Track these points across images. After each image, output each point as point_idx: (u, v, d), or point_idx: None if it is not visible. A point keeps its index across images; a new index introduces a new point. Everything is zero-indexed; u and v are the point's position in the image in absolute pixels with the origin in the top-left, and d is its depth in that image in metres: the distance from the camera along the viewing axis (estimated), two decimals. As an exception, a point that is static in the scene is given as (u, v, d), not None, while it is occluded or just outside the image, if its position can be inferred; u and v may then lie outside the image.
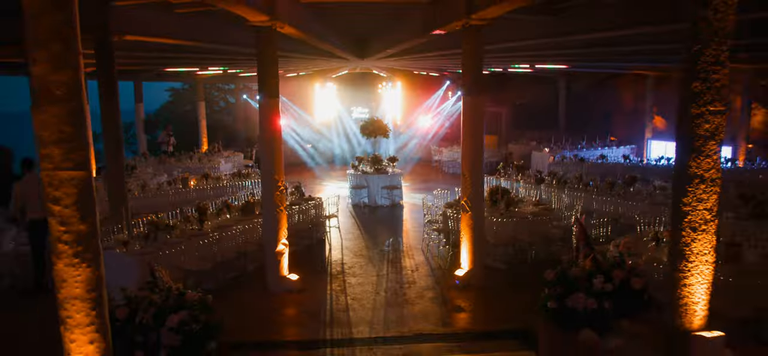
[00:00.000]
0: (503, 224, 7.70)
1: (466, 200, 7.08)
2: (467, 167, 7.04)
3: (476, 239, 7.12)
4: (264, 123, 6.87)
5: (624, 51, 11.59)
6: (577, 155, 15.34)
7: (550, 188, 10.46)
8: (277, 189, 6.94)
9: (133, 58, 12.01)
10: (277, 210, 6.96)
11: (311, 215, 8.99)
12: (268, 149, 6.88)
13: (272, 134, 6.87)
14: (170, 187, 10.96)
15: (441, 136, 20.91)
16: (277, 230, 7.00)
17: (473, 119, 6.97)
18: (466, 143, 7.03)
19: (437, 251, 8.72)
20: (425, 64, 14.68)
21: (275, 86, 6.82)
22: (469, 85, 6.92)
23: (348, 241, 9.57)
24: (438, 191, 9.75)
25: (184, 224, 7.45)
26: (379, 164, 12.82)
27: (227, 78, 22.82)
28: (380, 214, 11.80)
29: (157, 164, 15.02)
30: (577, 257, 4.72)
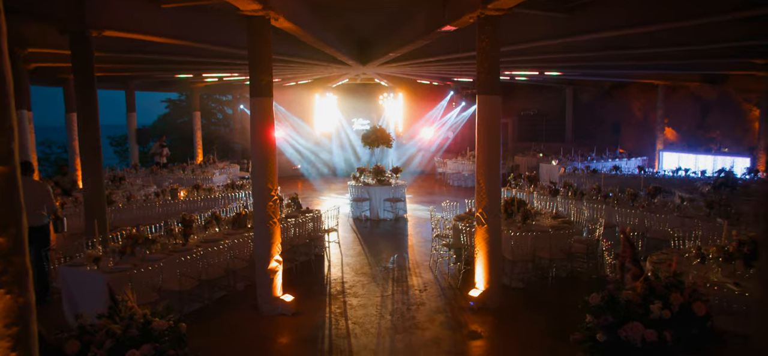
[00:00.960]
0: (521, 239, 6.93)
1: (482, 211, 6.33)
2: (482, 174, 6.30)
3: (493, 255, 6.36)
4: (256, 125, 6.14)
5: (642, 54, 10.94)
6: (589, 166, 14.61)
7: (566, 199, 9.71)
8: (270, 199, 6.19)
9: (121, 61, 11.36)
10: (269, 223, 6.21)
11: (308, 228, 8.23)
12: (260, 154, 6.15)
13: (265, 138, 6.14)
14: (158, 198, 10.21)
15: (445, 148, 20.24)
16: (270, 246, 6.24)
17: (489, 121, 6.25)
18: (481, 147, 6.30)
19: (447, 269, 7.94)
20: (429, 71, 14.04)
21: (268, 85, 6.12)
22: (484, 82, 6.21)
23: (349, 257, 8.79)
24: (446, 203, 9.00)
25: (167, 239, 6.70)
26: (381, 176, 12.09)
27: (224, 89, 22.23)
28: (383, 228, 11.04)
29: (147, 175, 14.29)
30: (622, 277, 3.96)
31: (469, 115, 20.36)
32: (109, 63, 11.42)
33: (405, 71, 14.16)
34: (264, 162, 6.16)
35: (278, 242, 6.34)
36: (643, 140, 20.87)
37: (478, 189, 6.37)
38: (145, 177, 14.00)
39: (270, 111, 6.15)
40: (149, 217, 9.34)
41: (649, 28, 8.02)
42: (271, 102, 6.16)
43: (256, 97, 6.09)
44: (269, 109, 6.14)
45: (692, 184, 11.36)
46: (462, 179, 16.92)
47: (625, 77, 16.87)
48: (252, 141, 6.21)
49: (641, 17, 7.72)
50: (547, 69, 13.70)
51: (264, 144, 6.14)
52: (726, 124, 18.51)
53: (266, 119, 6.13)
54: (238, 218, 7.58)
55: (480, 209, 6.35)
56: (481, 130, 6.29)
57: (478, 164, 6.35)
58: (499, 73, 6.25)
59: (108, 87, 16.76)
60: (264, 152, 6.15)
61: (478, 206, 6.37)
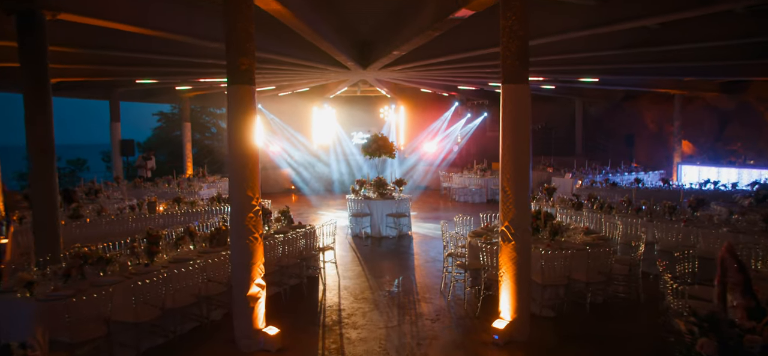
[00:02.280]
0: (552, 258, 5.80)
1: (508, 225, 5.22)
2: (509, 180, 5.20)
3: (521, 278, 5.22)
4: (233, 119, 5.06)
5: (669, 52, 9.94)
6: (608, 179, 13.52)
7: (592, 213, 8.59)
8: (251, 210, 5.08)
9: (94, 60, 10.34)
10: (249, 239, 5.08)
11: (300, 246, 7.09)
12: (238, 155, 5.06)
13: (244, 135, 5.05)
14: (133, 212, 9.08)
15: (450, 161, 19.18)
16: (250, 266, 5.10)
17: (516, 115, 5.18)
18: (506, 147, 5.21)
19: (463, 294, 6.78)
20: (436, 76, 13.03)
21: (249, 70, 5.05)
22: (510, 68, 5.15)
23: (347, 280, 7.64)
24: (459, 218, 7.88)
25: (129, 258, 5.57)
26: (383, 189, 10.99)
27: (218, 102, 21.17)
28: (386, 246, 9.90)
29: (130, 189, 13.17)
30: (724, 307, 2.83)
31: (475, 127, 19.36)
32: (84, 63, 10.40)
33: (409, 76, 13.16)
34: (243, 165, 5.06)
35: (260, 263, 5.21)
36: (657, 153, 19.85)
37: (504, 198, 5.26)
38: (127, 191, 12.89)
39: (251, 102, 5.07)
40: (120, 233, 8.20)
41: (684, 14, 7.05)
42: (252, 92, 5.08)
43: (235, 84, 5.01)
44: (250, 100, 5.06)
45: (728, 197, 10.25)
46: (468, 194, 15.83)
47: (644, 85, 15.90)
48: (229, 139, 5.12)
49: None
50: (566, 75, 12.67)
51: (243, 143, 5.05)
52: (747, 135, 17.49)
53: (246, 111, 5.05)
54: (216, 234, 6.46)
55: (506, 222, 5.23)
56: (506, 126, 5.21)
57: (504, 168, 5.25)
58: (528, 58, 5.19)
59: (91, 95, 15.76)
60: (243, 152, 5.05)
61: (504, 219, 5.26)
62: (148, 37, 8.52)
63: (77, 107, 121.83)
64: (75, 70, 12.02)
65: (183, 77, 12.79)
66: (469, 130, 19.39)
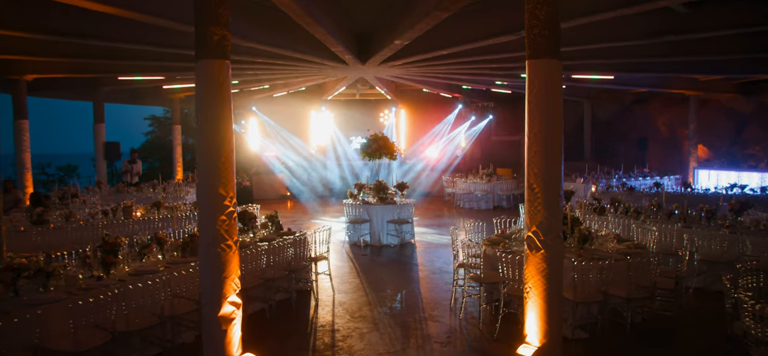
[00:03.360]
0: (585, 270, 4.88)
1: (536, 230, 4.30)
2: (536, 175, 4.30)
3: (552, 294, 4.30)
4: (202, 102, 4.17)
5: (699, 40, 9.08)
6: (626, 183, 12.63)
7: (618, 218, 7.69)
8: (223, 211, 4.17)
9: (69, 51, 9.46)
10: (221, 246, 4.16)
11: (288, 256, 6.16)
12: (208, 143, 4.16)
13: (216, 121, 4.16)
14: (105, 218, 8.16)
15: (454, 166, 18.29)
16: (222, 280, 4.18)
17: (546, 95, 4.28)
18: (534, 136, 4.31)
19: (477, 311, 5.85)
20: (442, 72, 12.16)
21: (222, 43, 4.16)
22: (537, 39, 4.27)
23: (343, 294, 6.71)
24: (470, 224, 6.95)
25: (83, 269, 4.66)
26: (383, 193, 10.07)
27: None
28: (386, 256, 8.97)
29: (112, 194, 12.29)
30: None
31: (480, 130, 18.50)
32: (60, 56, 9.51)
33: (411, 73, 12.29)
34: (214, 156, 4.15)
35: (235, 276, 4.28)
36: (670, 158, 18.97)
37: (530, 198, 4.35)
38: (109, 196, 12.00)
39: (225, 81, 4.18)
40: (89, 240, 7.29)
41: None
42: (225, 68, 4.19)
43: (205, 59, 4.13)
44: (223, 78, 4.17)
45: (764, 202, 9.34)
46: (474, 201, 14.92)
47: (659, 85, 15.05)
48: (198, 125, 4.22)
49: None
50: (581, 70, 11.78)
51: (215, 129, 4.15)
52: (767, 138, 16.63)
53: (219, 92, 4.16)
54: (190, 242, 5.53)
55: (533, 227, 4.31)
56: (533, 111, 4.31)
57: (530, 161, 4.35)
58: (560, 27, 4.31)
59: (74, 96, 14.90)
60: (214, 141, 4.15)
61: (530, 224, 4.34)
62: (130, 24, 7.67)
63: (76, 112, 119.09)
64: (51, 64, 11.16)
65: (169, 73, 11.92)
66: (473, 133, 18.52)
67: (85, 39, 8.05)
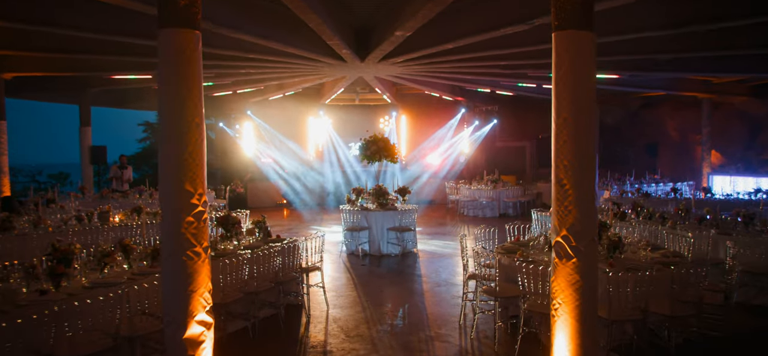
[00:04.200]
0: (622, 282, 4.15)
1: (566, 235, 3.59)
2: (566, 168, 3.59)
3: (586, 311, 3.57)
4: (167, 80, 3.48)
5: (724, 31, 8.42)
6: (641, 189, 11.94)
7: (641, 224, 6.97)
8: (190, 212, 3.46)
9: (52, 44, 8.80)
10: (188, 254, 3.45)
11: (275, 266, 5.43)
12: (173, 130, 3.46)
13: (183, 103, 3.46)
14: (79, 224, 7.46)
15: (456, 173, 17.60)
16: (188, 295, 3.46)
17: (576, 75, 3.59)
18: (562, 123, 3.61)
19: (490, 329, 5.11)
20: (442, 71, 11.49)
21: (192, 7, 3.48)
22: (567, 4, 3.58)
23: (338, 309, 5.97)
24: (480, 230, 6.22)
25: (29, 282, 3.94)
26: (384, 198, 9.36)
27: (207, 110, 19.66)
28: (386, 266, 8.23)
29: (96, 200, 11.57)
30: None
31: (484, 135, 17.82)
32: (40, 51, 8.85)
33: (413, 72, 11.63)
34: (179, 146, 3.45)
35: (205, 290, 3.56)
36: (681, 163, 18.29)
37: (559, 196, 3.64)
38: (92, 203, 11.27)
39: (193, 55, 3.50)
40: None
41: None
42: (194, 39, 3.51)
43: (168, 27, 3.44)
44: (191, 50, 3.48)
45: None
46: (479, 208, 14.20)
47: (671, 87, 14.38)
48: (160, 108, 3.53)
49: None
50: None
51: (181, 113, 3.45)
52: (784, 144, 15.96)
53: (186, 69, 3.47)
54: (161, 250, 4.80)
55: (563, 230, 3.60)
56: (562, 93, 3.61)
57: (558, 152, 3.65)
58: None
59: (60, 98, 14.24)
60: (179, 127, 3.45)
61: (559, 227, 3.63)
62: (116, 12, 7.00)
63: (74, 119, 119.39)
64: (31, 60, 10.49)
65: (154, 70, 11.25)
66: (477, 139, 17.84)
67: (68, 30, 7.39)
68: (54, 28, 7.08)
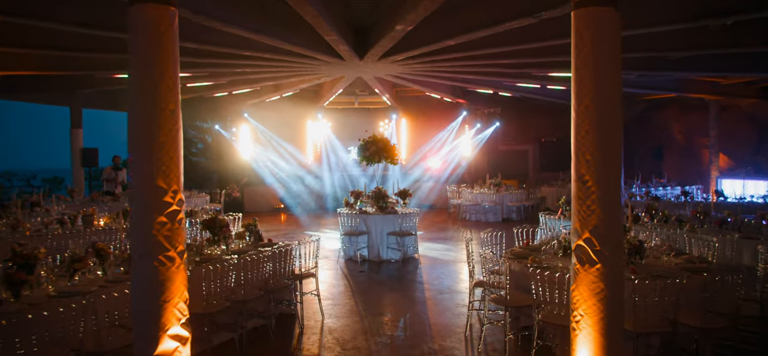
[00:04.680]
0: (648, 291, 3.73)
1: (589, 237, 3.17)
2: (588, 163, 3.19)
3: (613, 324, 3.16)
4: (137, 60, 3.08)
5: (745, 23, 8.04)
6: (650, 192, 11.54)
7: (657, 228, 6.56)
8: (163, 211, 3.05)
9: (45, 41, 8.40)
10: (159, 258, 3.04)
11: (264, 272, 5.00)
12: (142, 114, 3.06)
13: (153, 86, 3.06)
14: (61, 227, 7.05)
15: (458, 176, 17.19)
16: (159, 306, 3.05)
17: (598, 56, 3.20)
18: (583, 111, 3.21)
19: (502, 343, 4.68)
20: (444, 70, 11.10)
21: (165, -18, 3.09)
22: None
23: (334, 319, 5.55)
24: (486, 234, 5.81)
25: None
26: (383, 201, 8.95)
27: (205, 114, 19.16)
28: (386, 272, 7.81)
29: (86, 203, 11.14)
30: None
31: (486, 138, 17.43)
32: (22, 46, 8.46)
33: (414, 71, 11.24)
34: (150, 135, 3.05)
35: (181, 299, 3.15)
36: (687, 167, 17.89)
37: (580, 194, 3.23)
38: (81, 206, 10.85)
39: (167, 32, 3.10)
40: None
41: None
42: (169, 16, 3.11)
43: (140, 2, 3.04)
44: (166, 27, 3.09)
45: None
46: (481, 212, 13.79)
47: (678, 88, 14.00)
48: (130, 93, 3.13)
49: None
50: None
51: (151, 99, 3.05)
52: (795, 147, 15.57)
53: (159, 49, 3.07)
54: (140, 255, 4.38)
55: (585, 233, 3.19)
56: (583, 76, 3.22)
57: (578, 145, 3.25)
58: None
59: (50, 100, 13.85)
60: (151, 114, 3.05)
61: (581, 229, 3.22)
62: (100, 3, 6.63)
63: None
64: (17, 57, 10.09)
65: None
66: (479, 142, 17.44)
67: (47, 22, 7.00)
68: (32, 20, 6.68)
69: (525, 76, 12.10)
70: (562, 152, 18.96)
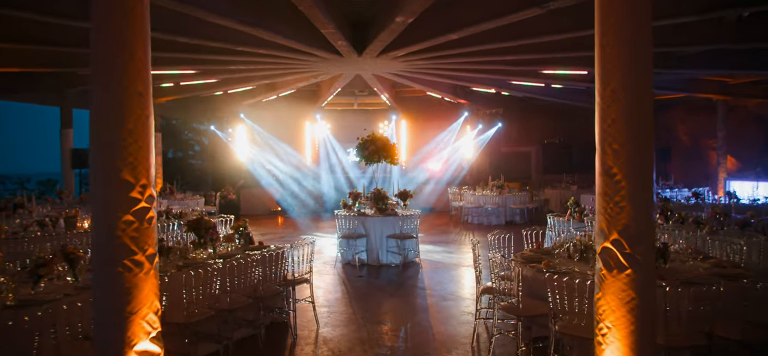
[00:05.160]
0: (681, 299, 3.32)
1: (618, 238, 2.78)
2: (616, 153, 2.80)
3: (645, 339, 2.76)
4: (99, 37, 2.69)
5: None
6: (659, 194, 11.15)
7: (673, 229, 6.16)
8: (130, 209, 2.65)
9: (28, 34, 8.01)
10: (124, 263, 2.64)
11: (253, 278, 4.60)
12: (105, 96, 2.67)
13: (120, 64, 2.67)
14: (41, 229, 6.65)
15: (459, 179, 16.80)
16: (124, 318, 2.64)
17: (629, 31, 2.81)
18: (609, 95, 2.82)
19: (511, 355, 4.28)
20: (446, 67, 10.71)
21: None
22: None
23: (330, 328, 5.14)
24: (494, 236, 5.40)
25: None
26: (383, 203, 8.55)
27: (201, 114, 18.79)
28: (386, 277, 7.40)
29: (75, 205, 10.74)
30: None
31: (488, 139, 17.05)
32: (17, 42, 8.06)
33: (415, 68, 10.86)
34: (115, 123, 2.66)
35: (150, 310, 2.75)
36: (693, 169, 17.52)
37: (607, 189, 2.84)
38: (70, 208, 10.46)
39: (138, 7, 2.71)
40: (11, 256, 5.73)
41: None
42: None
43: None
44: (135, 1, 2.69)
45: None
46: (484, 215, 13.39)
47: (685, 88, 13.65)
48: (91, 75, 2.74)
49: None
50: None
51: (116, 79, 2.66)
52: (804, 149, 15.20)
53: (129, 21, 2.68)
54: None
55: (613, 234, 2.79)
56: (609, 55, 2.83)
57: (604, 134, 2.86)
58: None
59: (40, 99, 13.45)
60: (115, 96, 2.66)
61: (607, 229, 2.82)
62: None
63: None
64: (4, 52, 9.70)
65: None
66: (480, 143, 17.06)
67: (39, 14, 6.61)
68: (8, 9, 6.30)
69: (530, 75, 11.73)
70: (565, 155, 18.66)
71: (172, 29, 7.55)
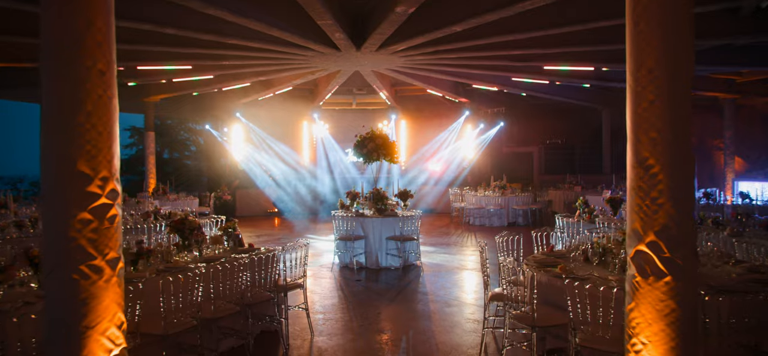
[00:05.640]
0: (720, 309, 2.94)
1: (655, 239, 2.40)
2: (653, 143, 2.42)
3: (686, 354, 2.37)
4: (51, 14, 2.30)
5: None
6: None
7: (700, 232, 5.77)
8: (87, 206, 2.26)
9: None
10: (80, 269, 2.24)
11: (240, 283, 4.20)
12: (57, 77, 2.29)
13: (75, 39, 2.28)
14: (19, 231, 6.27)
15: (461, 179, 16.43)
16: (79, 334, 2.25)
17: (665, 8, 2.43)
18: (646, 73, 2.45)
19: (522, 369, 3.89)
20: (448, 62, 10.34)
21: None
22: None
23: (325, 337, 4.75)
24: (502, 238, 5.01)
25: None
26: (382, 203, 8.16)
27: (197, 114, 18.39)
28: (385, 282, 7.01)
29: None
30: None
31: (490, 139, 16.68)
32: None
33: (415, 64, 10.49)
34: (70, 106, 2.27)
35: (112, 324, 2.35)
36: (699, 169, 17.17)
37: (641, 184, 2.45)
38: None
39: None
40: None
41: None
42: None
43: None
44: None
45: None
46: (486, 217, 13.00)
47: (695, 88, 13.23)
48: (42, 50, 2.35)
49: None
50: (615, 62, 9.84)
51: (70, 55, 2.28)
52: (813, 148, 14.87)
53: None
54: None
55: (650, 235, 2.41)
56: (644, 32, 2.45)
57: (638, 121, 2.48)
58: None
59: (30, 97, 13.07)
60: (70, 75, 2.27)
61: (644, 230, 2.44)
62: None
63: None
64: None
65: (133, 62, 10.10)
66: (482, 143, 16.68)
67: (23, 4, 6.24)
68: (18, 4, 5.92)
69: (534, 71, 11.37)
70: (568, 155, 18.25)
71: (159, 20, 7.18)
